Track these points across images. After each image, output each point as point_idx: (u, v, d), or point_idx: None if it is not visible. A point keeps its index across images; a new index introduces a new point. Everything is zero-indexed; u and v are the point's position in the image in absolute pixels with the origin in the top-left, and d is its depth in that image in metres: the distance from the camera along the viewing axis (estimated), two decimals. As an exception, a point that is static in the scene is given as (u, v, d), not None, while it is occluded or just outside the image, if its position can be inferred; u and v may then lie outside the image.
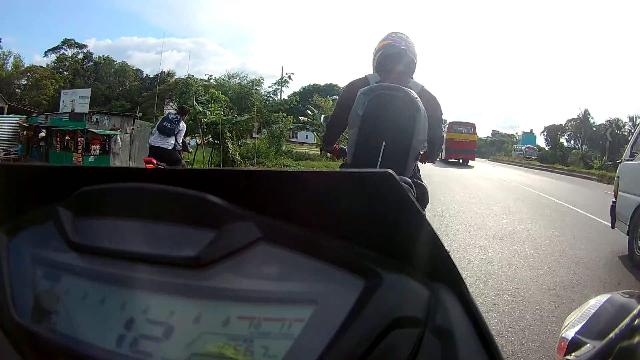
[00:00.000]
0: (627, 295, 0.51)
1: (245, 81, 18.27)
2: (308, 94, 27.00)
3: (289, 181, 0.23)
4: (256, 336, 0.20)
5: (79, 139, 12.33)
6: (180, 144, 6.32)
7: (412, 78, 1.90)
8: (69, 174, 0.30)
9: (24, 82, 30.69)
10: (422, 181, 1.85)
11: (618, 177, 4.34)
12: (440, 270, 0.22)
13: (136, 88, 32.21)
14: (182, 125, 6.20)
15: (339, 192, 0.22)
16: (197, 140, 12.03)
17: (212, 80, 17.04)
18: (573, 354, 0.42)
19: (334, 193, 0.22)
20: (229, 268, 0.22)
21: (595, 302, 0.50)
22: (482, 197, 7.83)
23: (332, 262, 0.21)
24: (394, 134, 1.70)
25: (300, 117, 22.08)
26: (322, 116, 2.58)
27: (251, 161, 12.97)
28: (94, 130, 12.47)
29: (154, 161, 5.54)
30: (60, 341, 0.25)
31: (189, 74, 14.97)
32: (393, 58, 1.90)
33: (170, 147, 5.94)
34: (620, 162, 4.59)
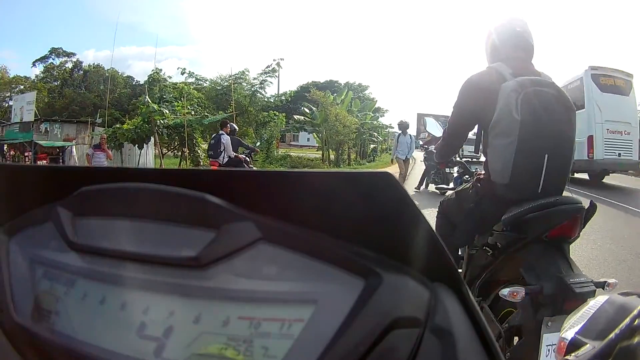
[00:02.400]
0: (627, 296, 0.51)
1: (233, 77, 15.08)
2: (306, 91, 23.15)
3: (289, 181, 0.23)
4: (256, 336, 0.20)
5: (26, 153, 10.47)
6: (239, 155, 6.79)
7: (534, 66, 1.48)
8: (68, 174, 0.30)
9: (7, 94, 29.28)
10: None
11: None
12: (440, 270, 0.22)
13: (126, 95, 30.64)
14: (225, 139, 6.58)
15: (339, 193, 0.22)
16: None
17: (195, 80, 14.27)
18: (573, 354, 0.42)
19: (334, 193, 0.22)
20: (229, 268, 0.22)
21: (595, 303, 0.50)
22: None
23: (332, 262, 0.21)
24: (555, 143, 1.35)
25: (295, 116, 19.02)
26: (428, 121, 2.00)
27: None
28: (41, 142, 10.85)
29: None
30: (60, 341, 0.25)
31: (156, 67, 12.74)
32: (511, 41, 1.47)
33: (224, 162, 6.38)
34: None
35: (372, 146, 23.42)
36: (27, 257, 0.29)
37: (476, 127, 1.55)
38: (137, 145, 10.65)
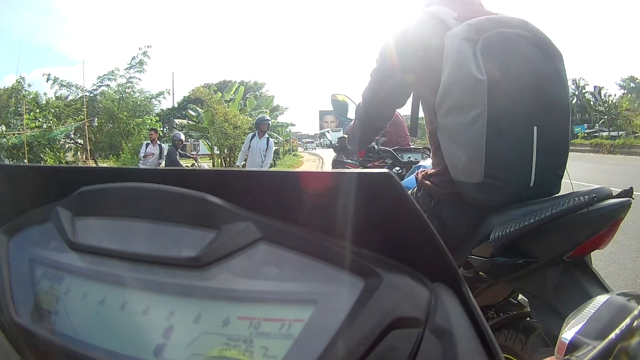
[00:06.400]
0: (627, 296, 0.51)
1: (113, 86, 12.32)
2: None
3: (289, 181, 0.23)
4: (256, 336, 0.20)
5: None
6: (172, 160, 6.88)
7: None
8: (68, 174, 0.30)
9: None
10: None
11: None
12: (440, 270, 0.22)
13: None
14: (149, 148, 6.93)
15: (339, 193, 0.22)
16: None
17: (60, 86, 11.84)
18: (573, 354, 0.42)
19: (334, 193, 0.22)
20: (229, 268, 0.22)
21: (595, 303, 0.50)
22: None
23: (332, 262, 0.21)
24: (545, 108, 0.87)
25: (177, 121, 15.52)
26: (333, 98, 1.57)
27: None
28: None
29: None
30: (59, 341, 0.25)
31: (20, 76, 11.05)
32: None
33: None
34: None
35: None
36: (27, 257, 0.29)
37: (409, 100, 1.09)
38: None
